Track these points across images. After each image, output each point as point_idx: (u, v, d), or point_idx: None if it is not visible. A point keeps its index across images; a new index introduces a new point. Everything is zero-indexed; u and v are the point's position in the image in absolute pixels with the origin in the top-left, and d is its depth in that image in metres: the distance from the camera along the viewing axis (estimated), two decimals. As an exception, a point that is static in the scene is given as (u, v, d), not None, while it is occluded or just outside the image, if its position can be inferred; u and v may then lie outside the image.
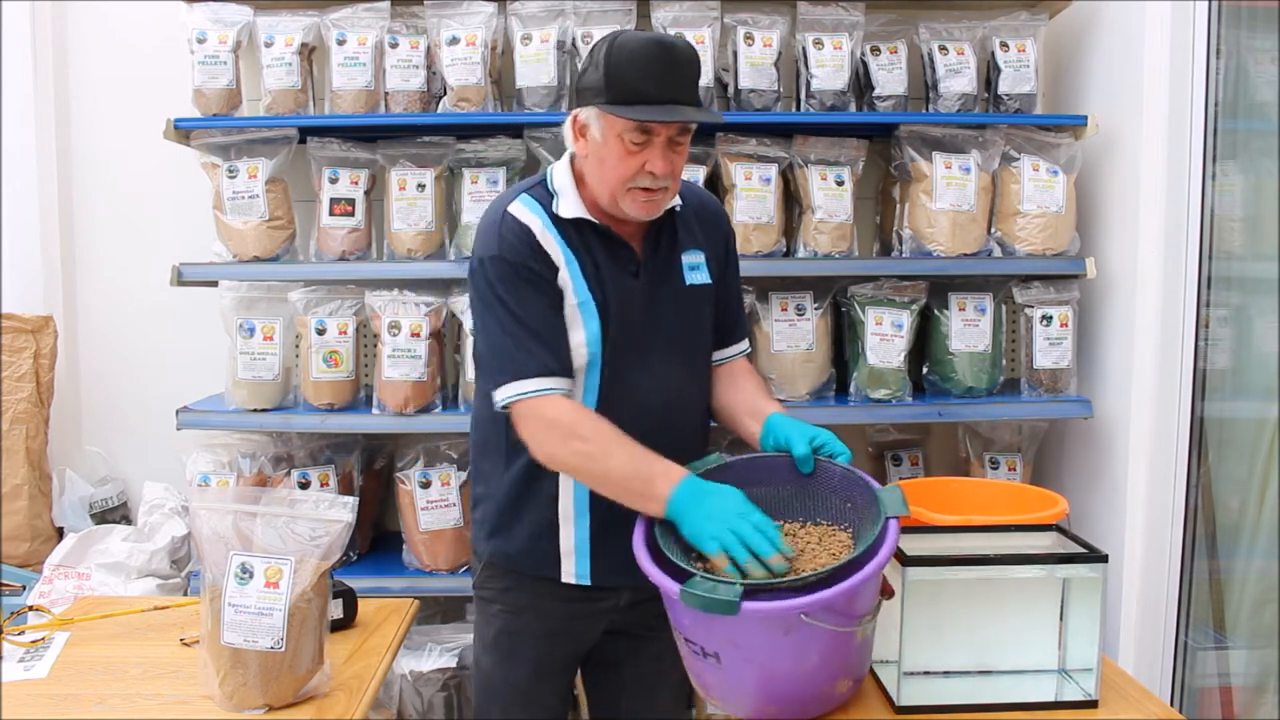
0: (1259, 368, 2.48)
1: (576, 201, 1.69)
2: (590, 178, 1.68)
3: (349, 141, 2.68)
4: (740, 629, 1.34)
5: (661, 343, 1.72)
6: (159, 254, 2.68)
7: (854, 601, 1.36)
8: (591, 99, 1.60)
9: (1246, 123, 2.46)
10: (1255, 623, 2.48)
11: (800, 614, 1.30)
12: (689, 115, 1.59)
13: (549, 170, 1.75)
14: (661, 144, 1.60)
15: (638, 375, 1.69)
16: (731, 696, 1.44)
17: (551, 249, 1.67)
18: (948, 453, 2.98)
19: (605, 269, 1.68)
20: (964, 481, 2.24)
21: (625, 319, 1.68)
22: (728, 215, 1.92)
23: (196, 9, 2.68)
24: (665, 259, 1.75)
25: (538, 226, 1.67)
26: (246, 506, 1.52)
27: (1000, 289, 2.75)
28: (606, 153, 1.62)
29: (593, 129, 1.63)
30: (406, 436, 2.73)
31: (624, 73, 1.56)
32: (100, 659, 1.66)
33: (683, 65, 1.59)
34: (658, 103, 1.56)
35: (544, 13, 2.65)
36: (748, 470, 1.60)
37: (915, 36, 2.77)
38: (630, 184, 1.62)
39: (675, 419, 1.74)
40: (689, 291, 1.76)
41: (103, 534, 2.64)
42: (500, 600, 1.82)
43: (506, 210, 1.69)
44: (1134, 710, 1.52)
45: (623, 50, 1.57)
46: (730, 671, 1.40)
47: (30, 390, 2.76)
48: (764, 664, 1.38)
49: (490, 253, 1.66)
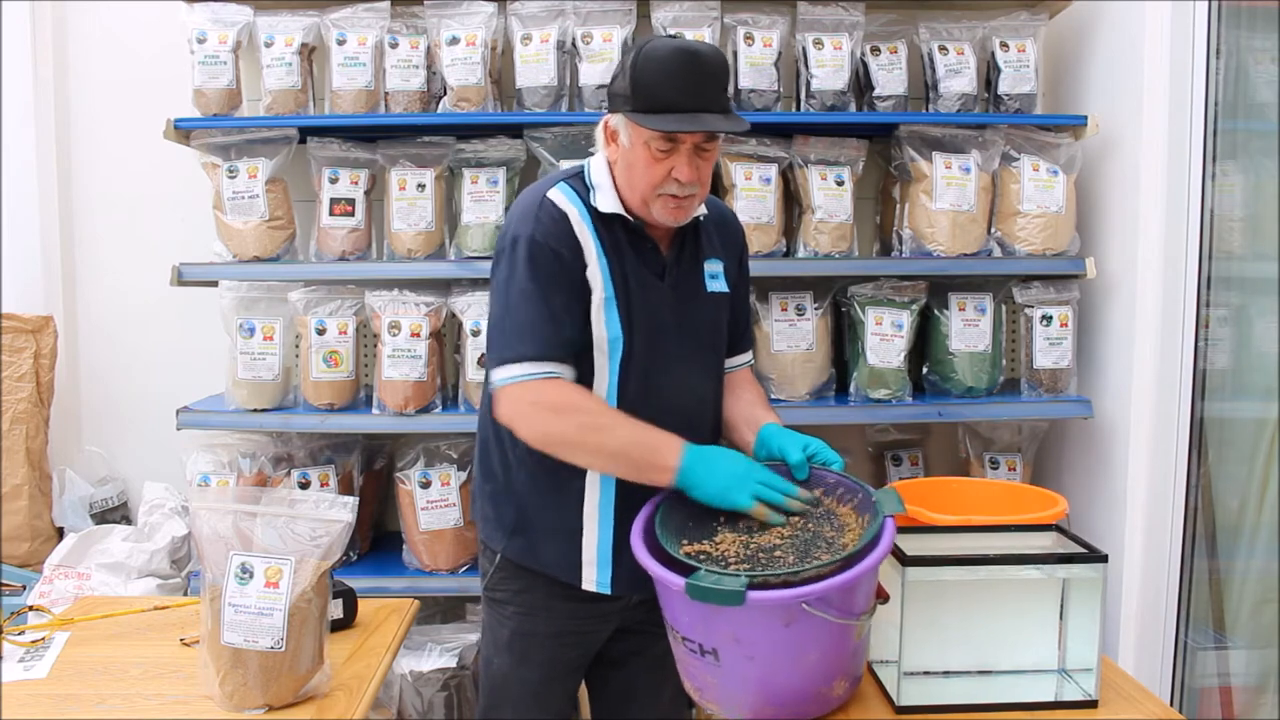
0: (1259, 368, 2.48)
1: (614, 197, 1.70)
2: (620, 181, 1.69)
3: (349, 141, 2.68)
4: (742, 622, 1.34)
5: (684, 345, 1.73)
6: (159, 254, 2.68)
7: (853, 595, 1.38)
8: (620, 106, 1.62)
9: (1246, 123, 2.46)
10: (1255, 623, 2.48)
11: (802, 603, 1.31)
12: (713, 125, 1.59)
13: (587, 163, 1.76)
14: (687, 151, 1.61)
15: (660, 375, 1.71)
16: (729, 697, 1.44)
17: (585, 241, 1.67)
18: (948, 453, 2.98)
19: (632, 268, 1.69)
20: (964, 481, 2.25)
21: (651, 319, 1.69)
22: (744, 229, 1.94)
23: (196, 9, 2.68)
24: (690, 264, 1.76)
25: (575, 216, 1.68)
26: (246, 506, 1.52)
27: (1000, 289, 2.75)
28: (634, 159, 1.63)
29: (622, 135, 1.64)
30: (406, 436, 2.73)
31: (650, 81, 1.57)
32: (100, 659, 1.66)
33: (709, 73, 1.59)
34: (684, 111, 1.57)
35: (544, 13, 2.65)
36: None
37: (915, 36, 2.77)
38: (659, 190, 1.63)
39: (694, 421, 1.74)
40: (710, 298, 1.78)
41: (103, 534, 2.65)
42: (514, 602, 1.82)
43: (546, 195, 1.70)
44: (1134, 710, 1.52)
45: (650, 58, 1.58)
46: (728, 670, 1.40)
47: (30, 390, 2.76)
48: (763, 660, 1.38)
49: (525, 233, 1.65)
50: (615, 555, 1.71)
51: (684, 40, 1.65)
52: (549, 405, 1.61)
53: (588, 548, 1.73)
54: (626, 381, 1.69)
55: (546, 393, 1.61)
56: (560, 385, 1.63)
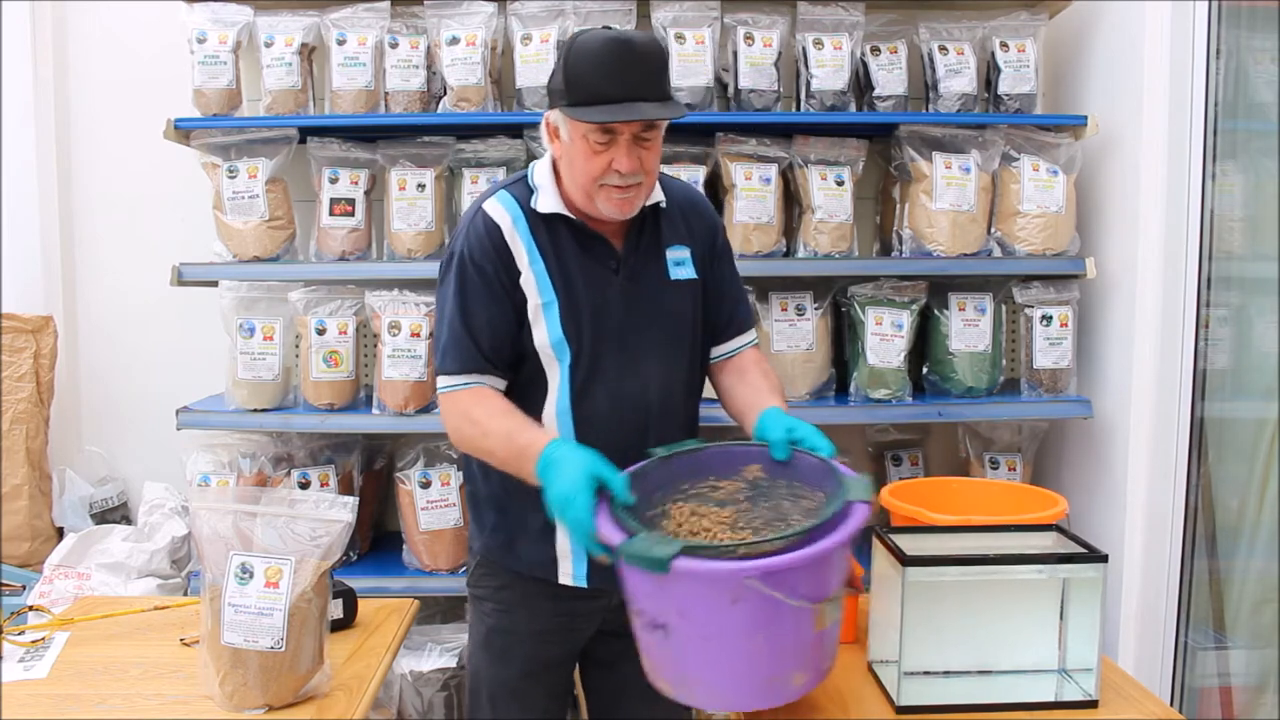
0: (1259, 368, 2.48)
1: (555, 197, 1.70)
2: (564, 177, 1.69)
3: (349, 141, 2.68)
4: (687, 595, 1.31)
5: (643, 337, 1.72)
6: (159, 254, 2.68)
7: (804, 577, 1.31)
8: (557, 101, 1.62)
9: (1246, 123, 2.46)
10: (1255, 623, 2.48)
11: (743, 579, 1.26)
12: (647, 113, 1.58)
13: (532, 166, 1.77)
14: (626, 142, 1.60)
15: (618, 369, 1.70)
16: (679, 679, 1.39)
17: (517, 250, 1.68)
18: (948, 453, 2.98)
19: (579, 266, 1.69)
20: (964, 481, 2.24)
21: (602, 317, 1.69)
22: (713, 208, 1.91)
23: (196, 9, 2.68)
24: (648, 254, 1.75)
25: (507, 225, 1.69)
26: (246, 506, 1.52)
27: (1000, 289, 2.75)
28: (574, 153, 1.63)
29: (561, 130, 1.65)
30: (406, 436, 2.73)
31: (582, 73, 1.57)
32: (100, 659, 1.66)
33: (641, 61, 1.58)
34: (617, 101, 1.56)
35: (544, 13, 2.65)
36: (719, 457, 1.58)
37: (915, 36, 2.77)
38: (600, 181, 1.62)
39: (659, 411, 1.73)
40: (673, 286, 1.76)
41: (103, 534, 2.65)
42: (493, 598, 1.82)
43: (481, 207, 1.72)
44: (1134, 710, 1.52)
45: (581, 51, 1.58)
46: (678, 647, 1.36)
47: (30, 390, 2.76)
48: (711, 639, 1.33)
49: (458, 249, 1.71)
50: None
51: (616, 30, 1.63)
52: (461, 413, 1.68)
53: (561, 542, 1.73)
54: (579, 382, 1.69)
55: (461, 401, 1.68)
56: (473, 394, 1.68)
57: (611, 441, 1.66)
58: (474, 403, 1.67)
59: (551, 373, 1.70)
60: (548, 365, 1.70)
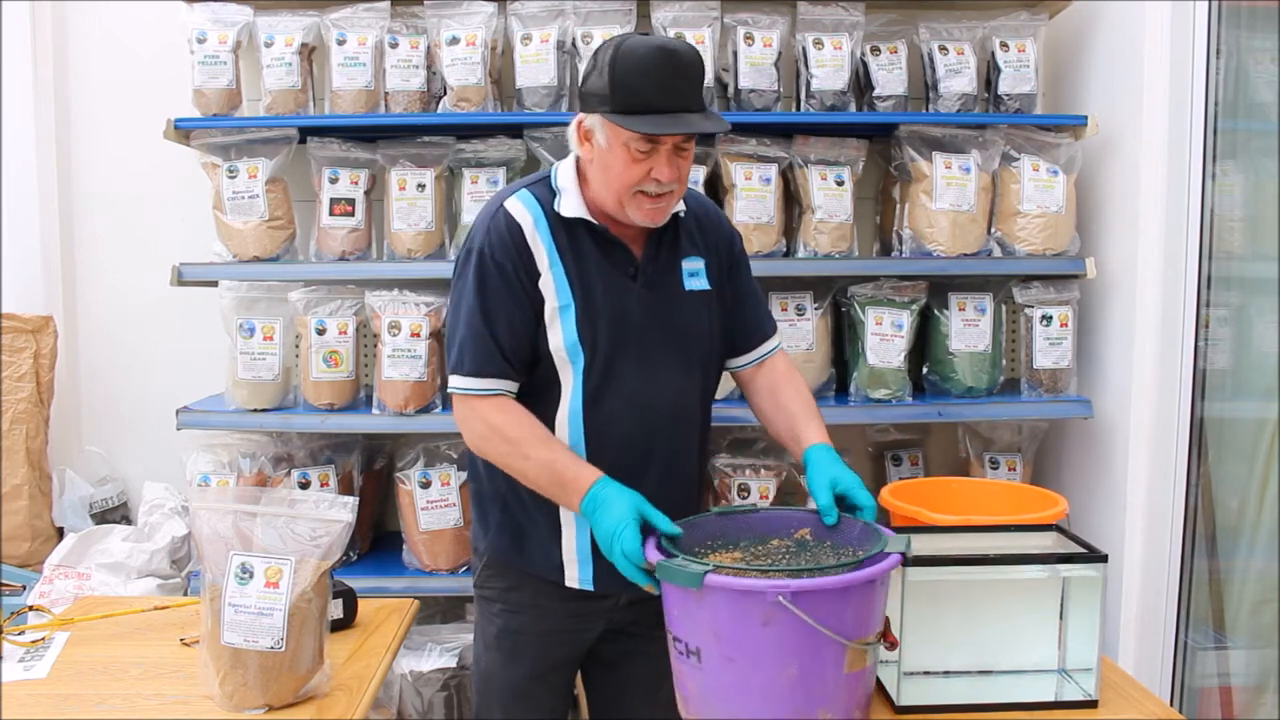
0: (1259, 368, 2.48)
1: (579, 201, 1.69)
2: (595, 182, 1.68)
3: (349, 141, 2.68)
4: (719, 613, 1.32)
5: (658, 345, 1.72)
6: (159, 254, 2.68)
7: (837, 606, 1.32)
8: (597, 106, 1.60)
9: (1246, 123, 2.46)
10: (1255, 623, 2.48)
11: (775, 597, 1.28)
12: (697, 125, 1.58)
13: (554, 167, 1.76)
14: (667, 151, 1.60)
15: (633, 376, 1.69)
16: (709, 706, 1.39)
17: (538, 251, 1.67)
18: (948, 453, 2.98)
19: (599, 271, 1.69)
20: (964, 481, 2.25)
21: (619, 321, 1.69)
22: (728, 218, 1.92)
23: (196, 9, 2.68)
24: (666, 263, 1.75)
25: (529, 226, 1.68)
26: (246, 506, 1.52)
27: (1000, 289, 2.75)
28: (612, 159, 1.62)
29: (598, 135, 1.63)
30: (406, 436, 2.73)
31: (630, 81, 1.55)
32: (100, 659, 1.66)
33: (687, 72, 1.59)
34: (664, 111, 1.56)
35: (544, 13, 2.65)
36: (775, 519, 1.60)
37: (915, 36, 2.77)
38: (635, 189, 1.62)
39: (673, 420, 1.74)
40: (688, 297, 1.76)
41: (103, 534, 2.65)
42: (501, 599, 1.83)
43: (503, 205, 1.70)
44: (1134, 710, 1.52)
45: (629, 58, 1.56)
46: (709, 673, 1.37)
47: (30, 390, 2.76)
48: (742, 663, 1.34)
49: (477, 246, 1.69)
50: (595, 552, 1.71)
51: (660, 38, 1.64)
52: (484, 422, 1.67)
53: (567, 547, 1.74)
54: (592, 387, 1.68)
55: (483, 410, 1.67)
56: (498, 405, 1.67)
57: (622, 447, 1.67)
58: (505, 421, 1.65)
59: (565, 377, 1.69)
60: (561, 369, 1.69)
